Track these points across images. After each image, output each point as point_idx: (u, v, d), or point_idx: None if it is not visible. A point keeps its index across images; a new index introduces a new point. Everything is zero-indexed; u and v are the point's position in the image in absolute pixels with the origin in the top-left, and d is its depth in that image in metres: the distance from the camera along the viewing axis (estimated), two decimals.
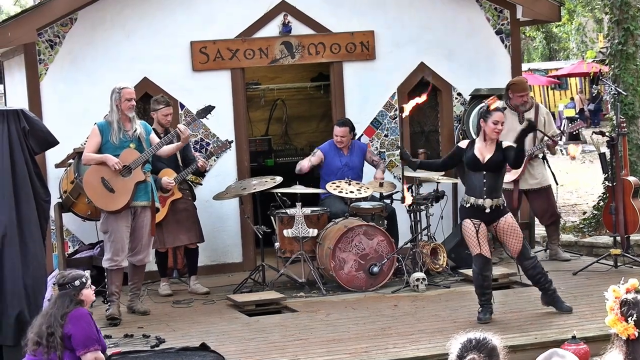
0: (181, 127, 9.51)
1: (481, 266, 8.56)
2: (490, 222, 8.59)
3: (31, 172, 7.94)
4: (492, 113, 8.53)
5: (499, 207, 8.60)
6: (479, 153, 8.53)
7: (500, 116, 8.56)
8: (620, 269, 10.39)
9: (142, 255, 9.51)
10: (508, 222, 8.60)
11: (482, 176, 8.51)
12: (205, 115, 9.95)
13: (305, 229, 10.20)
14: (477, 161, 8.51)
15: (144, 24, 11.18)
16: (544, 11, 12.17)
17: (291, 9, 11.52)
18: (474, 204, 8.52)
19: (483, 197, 8.50)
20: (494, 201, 8.55)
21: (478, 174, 8.52)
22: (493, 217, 8.57)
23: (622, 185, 10.87)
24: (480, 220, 8.53)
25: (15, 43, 10.86)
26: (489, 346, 3.80)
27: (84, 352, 6.42)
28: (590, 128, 30.98)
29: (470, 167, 8.55)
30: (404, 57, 11.83)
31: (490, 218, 8.57)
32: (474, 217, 8.53)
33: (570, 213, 15.66)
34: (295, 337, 8.42)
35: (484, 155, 8.52)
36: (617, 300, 3.91)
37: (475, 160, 8.52)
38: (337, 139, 10.98)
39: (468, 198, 8.58)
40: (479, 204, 8.52)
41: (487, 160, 8.51)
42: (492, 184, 8.54)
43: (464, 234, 8.64)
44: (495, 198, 8.56)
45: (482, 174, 8.51)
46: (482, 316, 8.57)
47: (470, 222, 8.53)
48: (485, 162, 8.50)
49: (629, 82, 13.16)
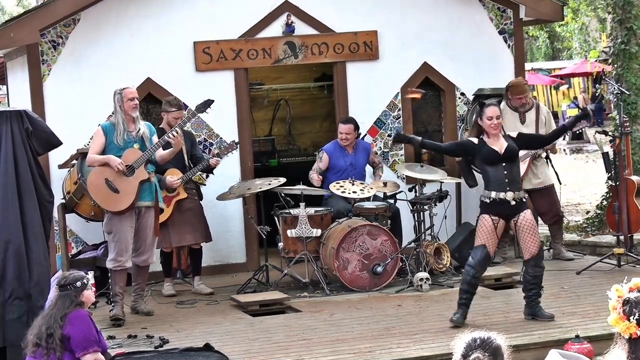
0: (172, 133, 9.47)
1: (480, 259, 8.40)
2: (512, 216, 8.43)
3: (34, 173, 7.95)
4: (485, 110, 8.46)
5: (522, 199, 8.48)
6: (495, 147, 8.42)
7: (494, 111, 8.46)
8: (623, 268, 10.39)
9: (146, 255, 9.51)
10: (527, 218, 8.45)
11: (502, 168, 8.38)
12: (205, 110, 9.90)
13: (308, 229, 10.20)
14: (495, 153, 8.38)
15: (147, 25, 11.19)
16: (547, 11, 12.17)
17: (294, 9, 11.53)
18: (496, 198, 8.36)
19: (505, 190, 8.36)
20: (516, 194, 8.40)
21: (497, 167, 8.39)
22: (515, 211, 8.43)
23: (626, 184, 10.89)
24: (502, 215, 8.39)
25: (18, 44, 10.87)
26: (494, 345, 3.81)
27: (82, 353, 6.42)
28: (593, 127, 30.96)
29: (488, 161, 8.40)
30: (407, 57, 11.84)
31: (512, 211, 8.41)
32: (496, 212, 8.38)
33: (574, 212, 15.66)
34: (299, 337, 8.42)
35: (501, 147, 8.42)
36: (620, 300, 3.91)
37: (493, 152, 8.39)
38: (342, 136, 10.97)
39: (489, 193, 8.41)
40: (501, 197, 8.36)
41: (504, 150, 8.41)
42: (513, 175, 8.43)
43: (478, 226, 8.49)
44: (517, 190, 8.43)
45: (501, 166, 8.38)
46: (455, 318, 8.45)
47: (489, 217, 8.39)
48: (503, 153, 8.40)
49: (631, 82, 13.16)
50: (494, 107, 8.56)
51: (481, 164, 8.54)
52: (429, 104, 12.19)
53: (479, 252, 8.45)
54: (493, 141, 8.46)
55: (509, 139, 8.52)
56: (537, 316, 8.57)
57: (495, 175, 8.40)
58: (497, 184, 8.39)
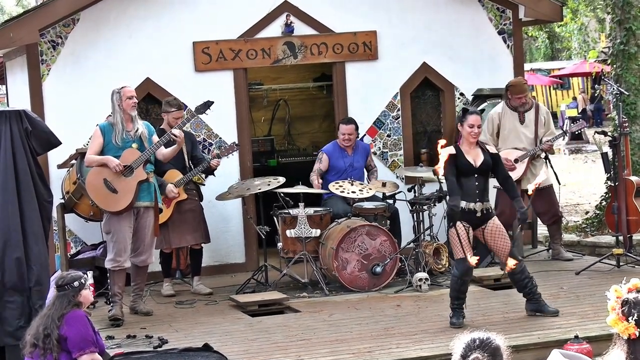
0: (175, 132, 9.48)
1: (463, 271, 8.46)
2: (479, 225, 8.58)
3: (33, 173, 7.94)
4: (467, 117, 8.57)
5: (488, 210, 8.63)
6: (470, 158, 8.55)
7: (476, 119, 8.57)
8: (622, 268, 10.38)
9: (145, 256, 9.51)
10: (496, 224, 8.62)
11: (474, 180, 8.53)
12: (204, 111, 9.90)
13: (308, 229, 10.20)
14: (470, 166, 8.52)
15: (146, 25, 11.19)
16: (546, 11, 12.17)
17: (294, 9, 11.53)
18: (466, 208, 8.48)
19: (475, 201, 8.52)
20: (484, 205, 8.58)
21: (470, 178, 8.53)
22: (482, 221, 8.57)
23: (625, 185, 10.89)
24: (471, 224, 8.52)
25: (18, 44, 10.87)
26: (493, 346, 3.81)
27: (79, 354, 6.42)
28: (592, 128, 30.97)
29: (464, 173, 8.52)
30: (407, 57, 11.84)
31: (479, 221, 8.56)
32: (466, 221, 8.49)
33: (573, 213, 15.65)
34: (298, 338, 8.42)
35: (476, 160, 8.55)
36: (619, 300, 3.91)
37: (468, 165, 8.52)
38: (344, 137, 10.96)
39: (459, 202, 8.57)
40: (470, 207, 8.50)
41: (479, 164, 8.54)
42: (483, 188, 8.60)
43: (450, 237, 8.56)
44: (485, 202, 8.61)
45: (474, 178, 8.53)
46: (456, 320, 8.50)
47: (460, 224, 8.45)
48: (478, 166, 8.53)
49: (631, 82, 13.16)
50: (476, 115, 8.68)
51: (458, 173, 8.54)
52: (428, 104, 12.20)
53: (461, 266, 8.46)
54: (469, 150, 8.56)
55: (486, 154, 8.60)
56: (542, 311, 8.65)
57: (467, 186, 8.53)
58: (468, 195, 8.51)
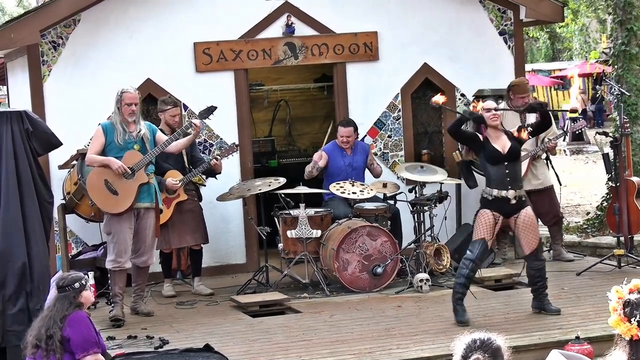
0: (196, 121, 9.51)
1: (479, 253, 8.48)
2: (512, 213, 8.56)
3: (34, 174, 7.95)
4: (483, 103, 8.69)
5: (522, 197, 8.62)
6: (498, 146, 8.56)
7: (489, 103, 8.72)
8: (623, 269, 10.39)
9: (146, 256, 9.51)
10: (529, 215, 8.62)
11: (504, 167, 8.54)
12: (208, 116, 9.92)
13: (308, 229, 10.20)
14: (498, 154, 8.53)
15: (147, 26, 11.19)
16: (548, 12, 12.16)
17: (294, 10, 11.52)
18: (498, 196, 8.49)
19: (507, 188, 8.51)
20: (518, 192, 8.56)
21: (500, 166, 8.53)
22: (516, 209, 8.56)
23: (626, 185, 10.89)
24: (502, 212, 8.52)
25: (19, 44, 10.87)
26: (494, 346, 3.80)
27: (82, 355, 6.42)
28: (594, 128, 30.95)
29: (492, 160, 8.55)
30: (408, 57, 11.84)
31: (513, 209, 8.55)
32: (496, 209, 8.51)
33: (574, 213, 15.64)
34: (299, 338, 8.42)
35: (503, 146, 8.55)
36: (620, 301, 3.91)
37: (496, 153, 8.53)
38: (342, 139, 10.96)
39: (490, 190, 8.56)
40: (503, 195, 8.50)
41: (507, 151, 8.55)
42: (514, 174, 8.59)
43: (477, 220, 8.58)
44: (518, 189, 8.59)
45: (503, 165, 8.54)
46: (462, 318, 8.50)
47: (490, 212, 8.50)
48: (505, 153, 8.54)
49: (632, 83, 13.15)
50: (490, 100, 8.82)
51: (483, 162, 8.65)
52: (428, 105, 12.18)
53: (478, 246, 8.50)
54: (495, 138, 8.58)
55: (513, 139, 8.59)
56: (544, 310, 8.70)
57: (497, 174, 8.54)
58: (499, 183, 8.53)
